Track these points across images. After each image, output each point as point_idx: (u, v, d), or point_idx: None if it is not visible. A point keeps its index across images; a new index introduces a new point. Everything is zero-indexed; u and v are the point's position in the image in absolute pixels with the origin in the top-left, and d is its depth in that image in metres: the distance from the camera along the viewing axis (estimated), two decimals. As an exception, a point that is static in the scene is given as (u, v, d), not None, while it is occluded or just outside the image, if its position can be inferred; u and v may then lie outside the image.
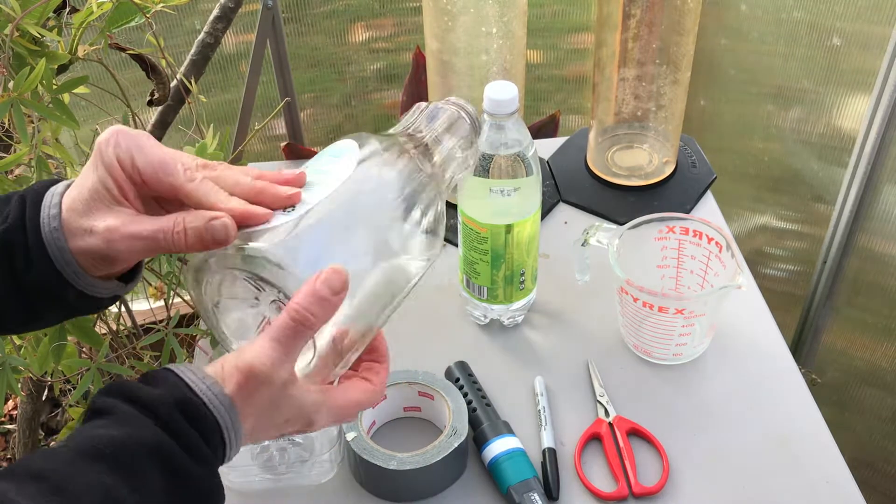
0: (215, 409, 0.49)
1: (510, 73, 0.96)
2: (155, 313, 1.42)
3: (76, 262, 0.53)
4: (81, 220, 0.53)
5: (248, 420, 0.51)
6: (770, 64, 1.30)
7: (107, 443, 0.46)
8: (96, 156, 0.53)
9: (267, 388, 0.50)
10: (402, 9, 1.49)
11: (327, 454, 0.80)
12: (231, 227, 0.52)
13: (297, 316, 0.49)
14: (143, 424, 0.48)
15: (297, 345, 0.50)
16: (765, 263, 1.43)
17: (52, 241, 0.53)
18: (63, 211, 0.53)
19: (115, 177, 0.53)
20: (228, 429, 0.50)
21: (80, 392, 0.81)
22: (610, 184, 1.12)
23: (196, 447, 0.48)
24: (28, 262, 0.53)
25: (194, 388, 0.49)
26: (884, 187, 1.13)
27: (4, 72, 0.77)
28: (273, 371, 0.50)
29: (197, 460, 0.48)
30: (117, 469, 0.46)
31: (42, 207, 0.53)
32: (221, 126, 1.45)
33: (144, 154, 0.53)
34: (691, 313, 0.84)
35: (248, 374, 0.50)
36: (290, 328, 0.50)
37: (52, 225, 0.53)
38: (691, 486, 0.81)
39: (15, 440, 1.44)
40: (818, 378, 1.31)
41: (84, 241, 0.53)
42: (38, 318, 0.57)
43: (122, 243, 0.53)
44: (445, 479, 0.81)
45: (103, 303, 0.57)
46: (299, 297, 0.50)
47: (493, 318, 0.96)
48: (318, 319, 0.50)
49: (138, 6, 0.85)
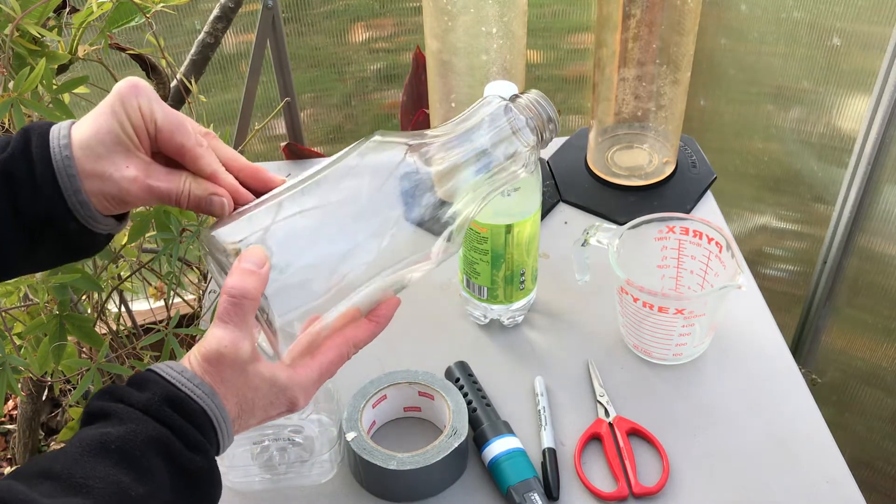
0: (200, 399, 0.52)
1: (510, 73, 0.96)
2: (155, 313, 1.42)
3: (84, 192, 0.55)
4: (99, 161, 0.55)
5: (230, 402, 0.53)
6: (770, 64, 1.30)
7: (112, 439, 0.49)
8: (116, 101, 0.55)
9: (235, 366, 0.53)
10: (402, 9, 1.49)
11: (327, 454, 0.80)
12: (228, 207, 0.58)
13: (235, 292, 0.52)
14: (141, 420, 0.50)
15: (245, 320, 0.53)
16: (765, 263, 1.43)
17: (63, 168, 0.54)
18: (75, 148, 0.54)
19: (135, 125, 0.55)
20: (216, 415, 0.52)
21: (80, 392, 0.81)
22: (610, 184, 1.12)
23: (192, 437, 0.51)
24: (34, 190, 0.54)
25: (176, 384, 0.52)
26: (884, 187, 1.13)
27: (4, 72, 0.77)
28: (235, 349, 0.53)
29: (192, 449, 0.51)
30: (124, 462, 0.48)
31: (51, 139, 0.55)
32: (221, 126, 1.45)
33: (163, 110, 0.56)
34: (691, 313, 0.84)
35: (215, 358, 0.53)
36: (233, 306, 0.53)
37: (63, 154, 0.54)
38: (691, 486, 0.81)
39: (15, 440, 1.44)
40: (818, 378, 1.31)
41: (99, 184, 0.55)
42: (33, 256, 0.58)
43: (138, 191, 0.55)
44: (445, 479, 0.81)
45: (98, 241, 0.59)
46: (230, 277, 0.53)
47: (493, 318, 0.96)
48: (253, 292, 0.53)
49: (138, 6, 0.85)
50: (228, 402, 0.53)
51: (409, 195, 0.58)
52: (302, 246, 0.56)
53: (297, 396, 0.56)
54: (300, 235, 0.57)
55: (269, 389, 0.55)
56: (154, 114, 0.55)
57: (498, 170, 0.61)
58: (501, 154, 0.61)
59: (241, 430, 0.55)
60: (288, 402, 0.56)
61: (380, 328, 0.60)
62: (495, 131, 0.61)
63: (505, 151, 0.61)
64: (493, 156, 0.61)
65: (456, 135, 0.60)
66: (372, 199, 0.58)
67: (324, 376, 0.57)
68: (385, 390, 0.84)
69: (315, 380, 0.57)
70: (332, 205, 0.58)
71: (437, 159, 0.59)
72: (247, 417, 0.55)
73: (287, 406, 0.56)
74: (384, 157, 0.59)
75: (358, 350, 0.59)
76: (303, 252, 0.56)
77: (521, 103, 0.62)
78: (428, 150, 0.60)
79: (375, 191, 0.58)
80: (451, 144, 0.60)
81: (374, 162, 0.59)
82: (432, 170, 0.59)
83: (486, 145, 0.60)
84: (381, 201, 0.58)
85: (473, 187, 0.60)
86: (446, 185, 0.59)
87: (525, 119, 0.61)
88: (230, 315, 0.53)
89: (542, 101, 0.62)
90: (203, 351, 0.53)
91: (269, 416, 0.56)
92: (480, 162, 0.60)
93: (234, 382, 0.53)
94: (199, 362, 0.53)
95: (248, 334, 0.53)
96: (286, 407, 0.56)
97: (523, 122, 0.61)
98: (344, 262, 0.57)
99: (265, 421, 0.57)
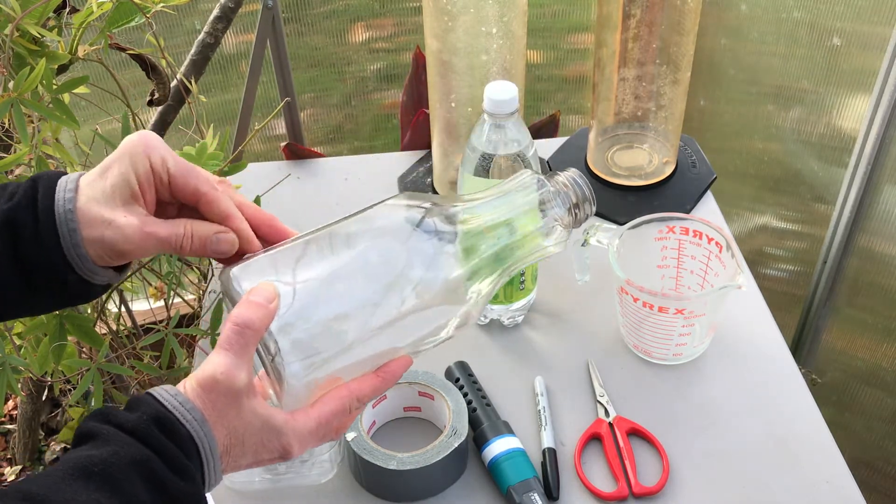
0: (188, 423, 0.51)
1: (510, 73, 0.96)
2: (155, 313, 1.42)
3: (83, 246, 0.55)
4: (102, 210, 0.55)
5: (220, 432, 0.52)
6: (770, 64, 1.30)
7: (95, 462, 0.48)
8: (124, 152, 0.56)
9: (228, 395, 0.52)
10: (402, 9, 1.49)
11: (327, 454, 0.80)
12: (234, 243, 0.58)
13: (239, 321, 0.52)
14: (126, 442, 0.49)
15: (246, 349, 0.53)
16: (765, 263, 1.43)
17: (65, 222, 0.55)
18: (80, 198, 0.55)
19: (140, 177, 0.56)
20: (203, 443, 0.51)
21: (80, 392, 0.81)
22: (610, 184, 1.12)
23: (176, 459, 0.50)
24: (35, 241, 0.55)
25: (166, 405, 0.51)
26: (884, 187, 1.13)
27: (4, 72, 0.77)
28: (231, 377, 0.52)
29: (178, 473, 0.50)
30: (106, 485, 0.48)
31: (57, 190, 0.55)
32: (221, 126, 1.45)
33: (174, 158, 0.57)
34: (691, 313, 0.84)
35: (210, 384, 0.52)
36: (236, 334, 0.52)
37: (66, 207, 0.55)
38: (691, 486, 0.81)
39: (15, 440, 1.44)
40: (818, 378, 1.31)
41: (99, 231, 0.55)
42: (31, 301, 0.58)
43: (137, 240, 0.55)
44: (445, 479, 0.81)
45: (96, 290, 0.59)
46: (238, 307, 0.53)
47: (493, 318, 0.96)
48: (258, 323, 0.52)
49: (138, 6, 0.85)
50: (218, 432, 0.52)
51: (431, 260, 0.57)
52: (318, 301, 0.55)
53: (292, 443, 0.54)
54: (320, 288, 0.56)
55: (261, 428, 0.53)
56: (166, 163, 0.56)
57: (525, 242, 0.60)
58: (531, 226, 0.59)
59: (230, 469, 0.54)
60: (281, 448, 0.54)
61: (385, 384, 0.58)
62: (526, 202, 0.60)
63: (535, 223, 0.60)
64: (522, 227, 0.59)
65: (485, 202, 0.59)
66: (394, 262, 0.57)
67: (322, 427, 0.55)
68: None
69: (312, 429, 0.55)
70: (353, 263, 0.57)
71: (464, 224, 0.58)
72: (236, 455, 0.53)
73: (280, 452, 0.54)
74: (409, 219, 0.58)
75: (362, 405, 0.57)
76: (320, 306, 0.55)
77: (559, 179, 0.61)
78: (455, 215, 0.58)
79: (398, 253, 0.57)
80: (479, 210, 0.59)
81: (399, 223, 0.58)
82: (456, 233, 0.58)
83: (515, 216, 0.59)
84: (403, 264, 0.57)
85: (497, 262, 0.59)
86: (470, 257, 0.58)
87: (558, 192, 0.60)
88: (231, 343, 0.52)
89: (579, 181, 0.61)
90: (199, 376, 0.52)
91: (259, 459, 0.54)
92: (506, 232, 0.59)
93: (225, 412, 0.52)
94: (193, 387, 0.52)
95: (246, 364, 0.53)
96: (279, 453, 0.54)
97: (555, 194, 0.60)
98: (358, 321, 0.56)
99: (256, 465, 0.55)
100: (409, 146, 1.23)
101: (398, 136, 1.33)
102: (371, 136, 1.62)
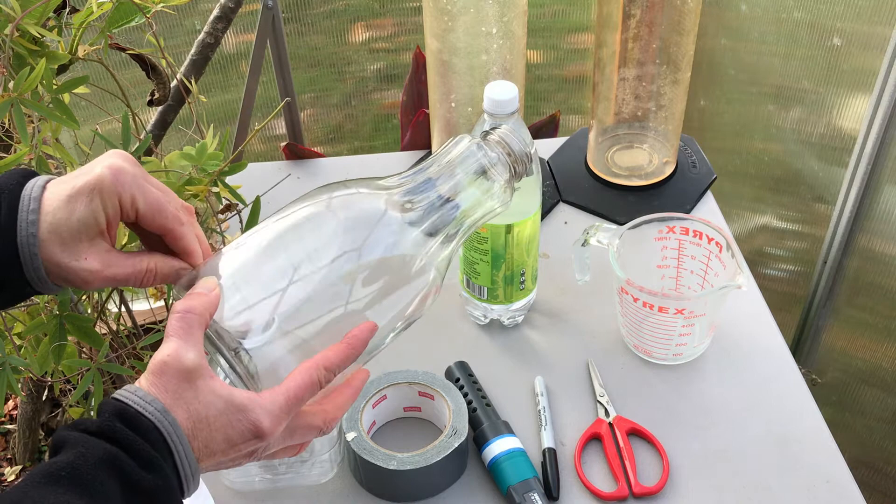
0: (150, 414, 0.51)
1: (510, 73, 0.96)
2: (155, 313, 1.42)
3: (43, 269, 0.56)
4: (63, 249, 0.55)
5: (180, 414, 0.52)
6: (770, 64, 1.30)
7: (61, 467, 0.48)
8: (95, 186, 0.55)
9: (180, 375, 0.52)
10: (402, 9, 1.49)
11: (327, 454, 0.80)
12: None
13: (180, 308, 0.54)
14: (91, 444, 0.49)
15: (190, 332, 0.53)
16: (765, 263, 1.43)
17: (27, 245, 0.54)
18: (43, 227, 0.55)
19: (108, 213, 0.56)
20: (166, 428, 0.51)
21: (80, 392, 0.81)
22: (610, 184, 1.12)
23: (144, 454, 0.50)
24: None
25: (125, 401, 0.51)
26: (884, 187, 1.13)
27: (4, 72, 0.77)
28: (178, 357, 0.52)
29: (146, 467, 0.50)
30: (75, 486, 0.48)
31: (20, 207, 0.55)
32: (221, 126, 1.45)
33: (145, 196, 0.57)
34: (691, 313, 0.84)
35: (159, 369, 0.53)
36: (178, 321, 0.53)
37: (28, 231, 0.54)
38: (691, 486, 0.81)
39: (15, 440, 1.44)
40: (818, 378, 1.31)
41: (60, 270, 0.56)
42: None
43: (98, 283, 0.57)
44: (445, 479, 0.81)
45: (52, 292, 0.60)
46: (180, 301, 0.55)
47: (494, 318, 0.96)
48: (200, 308, 0.54)
49: (138, 6, 0.85)
50: (178, 414, 0.52)
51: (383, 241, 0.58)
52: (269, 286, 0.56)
53: (262, 420, 0.53)
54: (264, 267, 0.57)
55: (225, 408, 0.53)
56: (135, 202, 0.56)
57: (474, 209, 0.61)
58: (476, 193, 0.61)
59: (206, 457, 0.53)
60: (252, 426, 0.53)
61: (353, 350, 0.57)
62: (468, 170, 0.61)
63: (480, 189, 0.61)
64: (468, 195, 0.61)
65: (428, 178, 0.60)
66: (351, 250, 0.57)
67: (291, 401, 0.54)
68: (385, 390, 0.84)
69: (282, 404, 0.54)
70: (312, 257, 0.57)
71: (411, 204, 0.60)
72: (205, 439, 0.53)
73: (252, 431, 0.53)
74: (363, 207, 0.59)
75: (332, 375, 0.56)
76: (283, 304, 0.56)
77: (492, 139, 0.62)
78: (401, 196, 0.60)
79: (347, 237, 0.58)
80: (424, 188, 0.60)
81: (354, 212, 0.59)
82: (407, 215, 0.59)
83: (459, 185, 0.61)
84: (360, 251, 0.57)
85: (451, 229, 0.60)
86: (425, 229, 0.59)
87: (497, 155, 0.62)
88: (174, 329, 0.53)
89: (512, 136, 0.62)
90: (150, 365, 0.53)
91: (233, 442, 0.53)
92: (455, 203, 0.60)
93: (181, 394, 0.52)
94: (146, 377, 0.53)
95: (192, 345, 0.53)
96: (251, 433, 0.53)
97: (496, 158, 0.62)
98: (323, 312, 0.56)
99: (234, 452, 0.54)
100: (409, 146, 1.23)
101: (398, 136, 1.33)
102: (371, 136, 1.62)
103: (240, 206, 0.91)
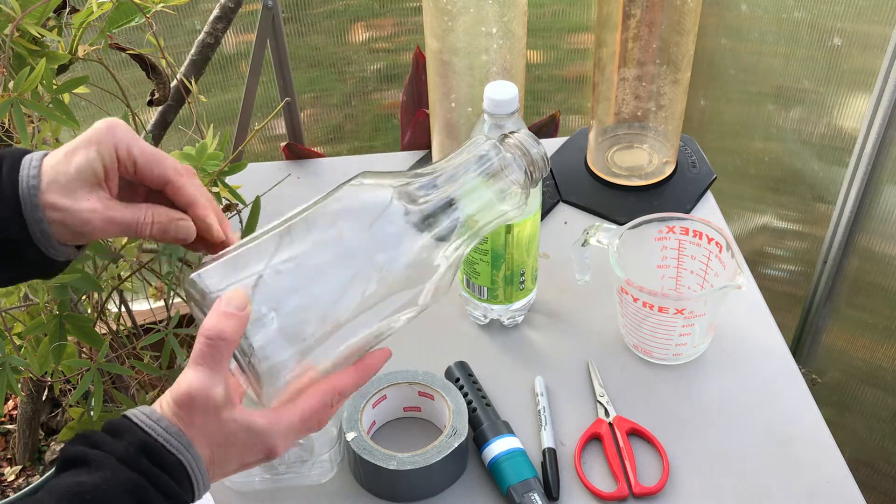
0: (177, 451, 0.51)
1: (510, 73, 0.96)
2: (155, 313, 1.42)
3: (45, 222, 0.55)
4: (63, 194, 0.55)
5: (203, 449, 0.52)
6: (770, 64, 1.30)
7: (87, 489, 0.48)
8: (91, 138, 0.56)
9: (207, 411, 0.52)
10: (402, 9, 1.49)
11: (327, 454, 0.80)
12: (191, 231, 0.58)
13: (212, 333, 0.51)
14: (117, 469, 0.49)
15: (220, 363, 0.52)
16: (765, 263, 1.43)
17: (28, 198, 0.54)
18: (43, 180, 0.55)
19: (105, 162, 0.56)
20: (192, 467, 0.51)
21: (80, 392, 0.81)
22: (610, 184, 1.12)
23: (168, 486, 0.50)
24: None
25: (151, 434, 0.51)
26: (884, 187, 1.13)
27: (4, 72, 0.77)
28: (207, 393, 0.51)
29: (168, 496, 0.50)
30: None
31: (21, 168, 0.55)
32: (221, 126, 1.45)
33: (141, 147, 0.57)
34: (691, 313, 0.84)
35: (187, 402, 0.51)
36: (209, 347, 0.51)
37: (30, 184, 0.55)
38: (691, 486, 0.81)
39: (15, 440, 1.43)
40: (818, 378, 1.31)
41: (61, 214, 0.55)
42: None
43: (99, 224, 0.56)
44: (445, 479, 0.81)
45: (56, 266, 0.59)
46: (208, 318, 0.52)
47: (493, 318, 0.96)
48: (231, 334, 0.52)
49: (138, 6, 0.85)
50: (202, 449, 0.52)
51: (397, 239, 0.57)
52: (287, 291, 0.55)
53: (276, 444, 0.54)
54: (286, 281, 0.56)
55: (245, 436, 0.53)
56: (132, 152, 0.56)
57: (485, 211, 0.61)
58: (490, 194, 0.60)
59: (216, 477, 0.54)
60: (266, 450, 0.54)
61: (365, 377, 0.58)
62: (484, 170, 0.60)
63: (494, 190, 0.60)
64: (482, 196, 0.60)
65: (443, 175, 0.60)
66: (359, 244, 0.57)
67: (305, 423, 0.55)
68: (385, 390, 0.84)
69: (296, 426, 0.55)
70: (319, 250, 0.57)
71: (425, 201, 0.59)
72: (221, 465, 0.53)
73: (264, 453, 0.54)
74: (370, 200, 0.58)
75: (343, 399, 0.57)
76: (288, 298, 0.55)
77: (510, 143, 0.61)
78: (415, 192, 0.59)
79: (362, 235, 0.57)
80: (439, 185, 0.59)
81: (361, 205, 0.58)
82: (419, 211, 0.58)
83: (474, 185, 0.60)
84: (368, 246, 0.57)
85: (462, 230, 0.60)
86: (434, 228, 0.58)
87: (513, 157, 0.61)
88: (204, 357, 0.51)
89: (531, 140, 0.61)
90: (174, 394, 0.52)
91: (245, 463, 0.55)
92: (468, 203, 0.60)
93: (206, 429, 0.52)
94: (170, 406, 0.52)
95: (221, 379, 0.52)
96: (263, 454, 0.54)
97: (511, 160, 0.61)
98: (330, 307, 0.56)
99: (242, 469, 0.55)
100: (409, 146, 1.23)
101: (398, 136, 1.33)
102: (371, 136, 1.62)
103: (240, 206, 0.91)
